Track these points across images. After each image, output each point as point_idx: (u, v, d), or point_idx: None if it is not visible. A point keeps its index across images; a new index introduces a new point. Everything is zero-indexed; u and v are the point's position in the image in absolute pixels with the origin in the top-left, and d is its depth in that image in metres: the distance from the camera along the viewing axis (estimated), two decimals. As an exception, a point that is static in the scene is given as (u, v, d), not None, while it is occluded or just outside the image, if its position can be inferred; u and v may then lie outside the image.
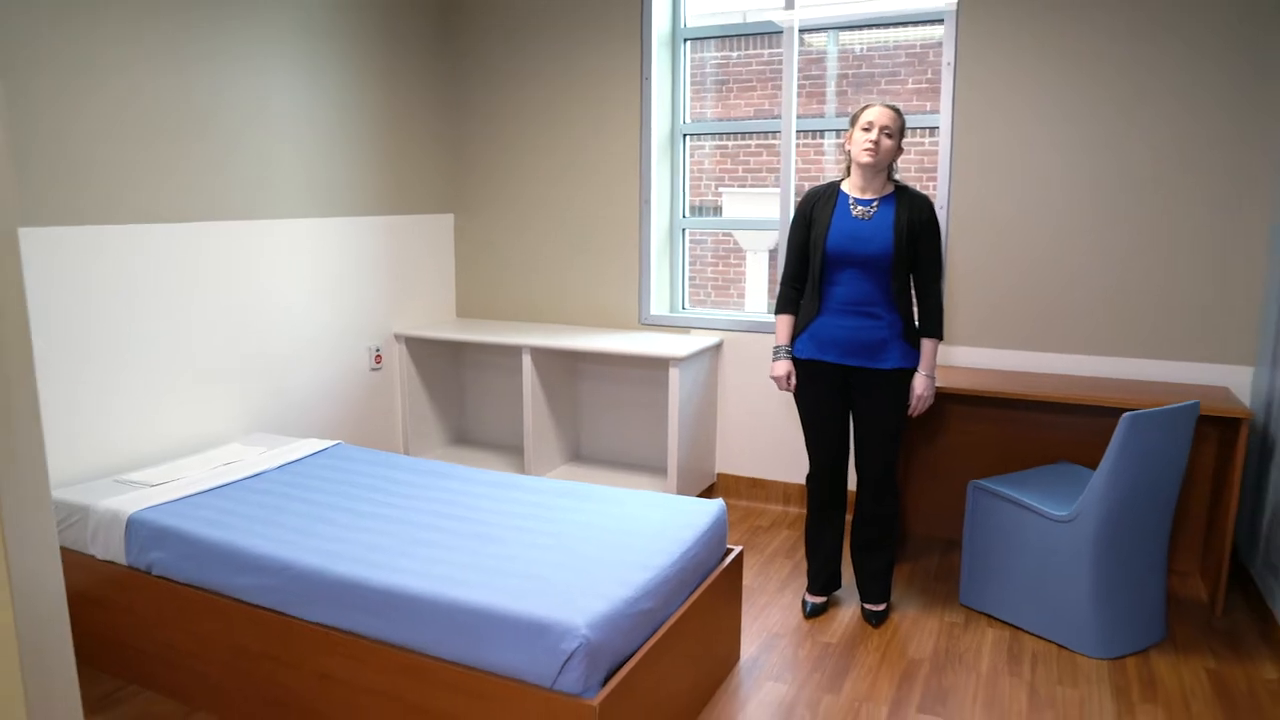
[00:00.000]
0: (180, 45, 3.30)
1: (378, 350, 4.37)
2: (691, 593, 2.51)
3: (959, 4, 3.76)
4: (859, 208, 2.94)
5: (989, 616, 3.22)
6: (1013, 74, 3.70)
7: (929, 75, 5.08)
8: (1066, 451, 3.66)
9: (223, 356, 3.55)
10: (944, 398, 3.78)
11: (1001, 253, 3.79)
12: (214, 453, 3.34)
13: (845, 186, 3.00)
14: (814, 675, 2.82)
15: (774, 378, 3.11)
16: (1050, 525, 2.97)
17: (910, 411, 3.02)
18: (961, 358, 3.89)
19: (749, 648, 2.99)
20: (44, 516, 1.47)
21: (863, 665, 2.88)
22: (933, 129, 4.06)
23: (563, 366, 4.51)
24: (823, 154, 5.59)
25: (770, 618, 3.20)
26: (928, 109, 4.31)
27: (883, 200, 2.94)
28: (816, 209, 3.00)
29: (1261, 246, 3.44)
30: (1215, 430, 3.45)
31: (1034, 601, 3.07)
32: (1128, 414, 2.73)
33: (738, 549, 2.85)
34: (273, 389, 3.79)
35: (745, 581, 3.49)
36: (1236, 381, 3.53)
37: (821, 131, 5.14)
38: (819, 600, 3.24)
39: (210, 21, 3.40)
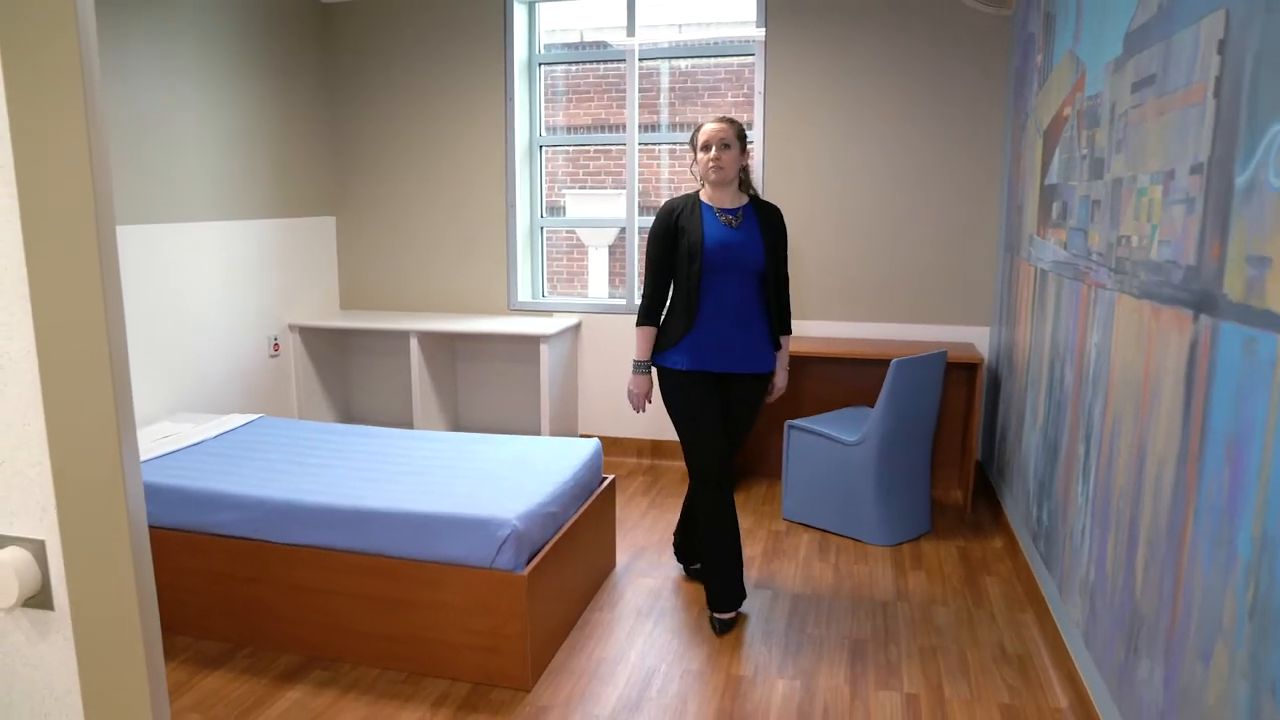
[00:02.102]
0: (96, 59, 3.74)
1: (275, 339, 4.87)
2: (581, 504, 3.27)
3: (766, 38, 4.68)
4: (725, 216, 3.02)
5: (804, 525, 4.15)
6: (811, 94, 4.65)
7: (744, 90, 6.04)
8: (858, 397, 4.65)
9: (144, 349, 3.99)
10: (765, 360, 4.69)
11: (805, 244, 4.75)
12: (149, 429, 3.80)
13: (705, 197, 3.06)
14: (674, 571, 3.63)
15: (631, 394, 3.13)
16: (844, 449, 3.91)
17: (768, 398, 3.24)
18: (777, 328, 4.83)
19: (622, 556, 3.78)
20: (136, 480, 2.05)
21: (710, 562, 3.73)
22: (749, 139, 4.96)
23: (443, 348, 5.15)
24: (657, 158, 6.46)
25: (636, 536, 4.00)
26: (745, 119, 5.23)
27: (744, 209, 3.05)
28: (683, 219, 3.02)
29: (993, 235, 4.54)
30: (963, 375, 4.52)
31: (834, 508, 4.02)
32: (894, 360, 3.71)
33: (611, 477, 3.63)
34: (188, 375, 4.25)
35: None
36: (979, 338, 4.63)
37: (657, 143, 5.97)
38: (727, 617, 3.16)
39: (117, 39, 3.84)
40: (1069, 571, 2.83)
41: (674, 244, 3.02)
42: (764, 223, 3.04)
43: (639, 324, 3.08)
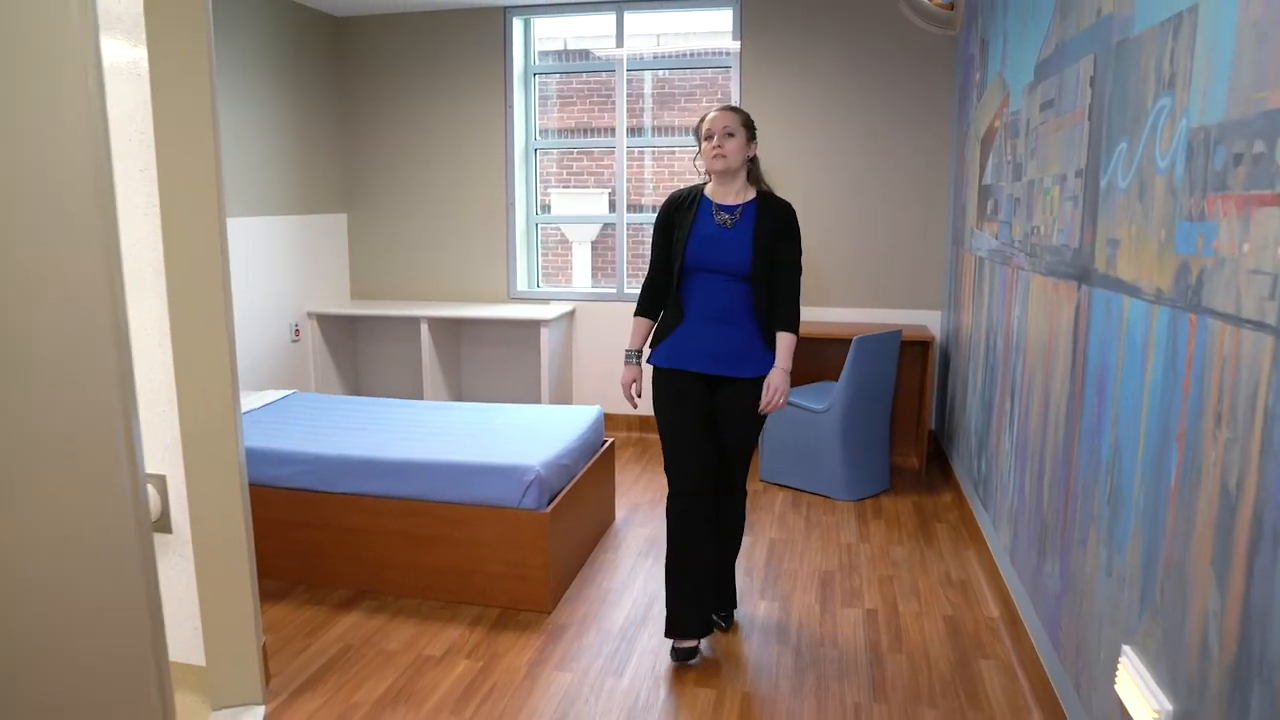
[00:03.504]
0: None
1: (296, 325, 5.34)
2: (588, 461, 3.78)
3: (741, 50, 5.22)
4: (722, 214, 2.87)
5: (779, 484, 4.70)
6: (781, 104, 5.20)
7: (719, 96, 6.58)
8: (827, 373, 5.20)
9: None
10: (742, 342, 5.23)
11: (777, 236, 5.29)
12: (197, 403, 4.26)
13: (708, 192, 2.93)
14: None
15: (622, 384, 3.06)
16: (814, 416, 4.46)
17: (761, 407, 2.87)
18: (753, 313, 5.38)
19: (621, 511, 4.31)
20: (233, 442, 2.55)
21: (697, 515, 4.27)
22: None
23: (448, 333, 5.65)
24: (640, 159, 6.98)
25: (632, 495, 4.53)
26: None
27: (745, 207, 2.88)
28: (677, 215, 2.92)
29: (942, 229, 5.11)
30: (918, 353, 5.09)
31: (805, 468, 4.57)
32: (856, 338, 4.26)
33: (611, 439, 4.15)
34: (225, 356, 4.72)
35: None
36: (932, 321, 5.20)
37: (642, 146, 6.49)
38: (688, 645, 2.93)
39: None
40: (1000, 506, 3.40)
41: (669, 237, 2.95)
42: (762, 222, 2.85)
43: (635, 313, 3.05)
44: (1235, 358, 1.48)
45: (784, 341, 2.90)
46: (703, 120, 2.91)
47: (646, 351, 3.03)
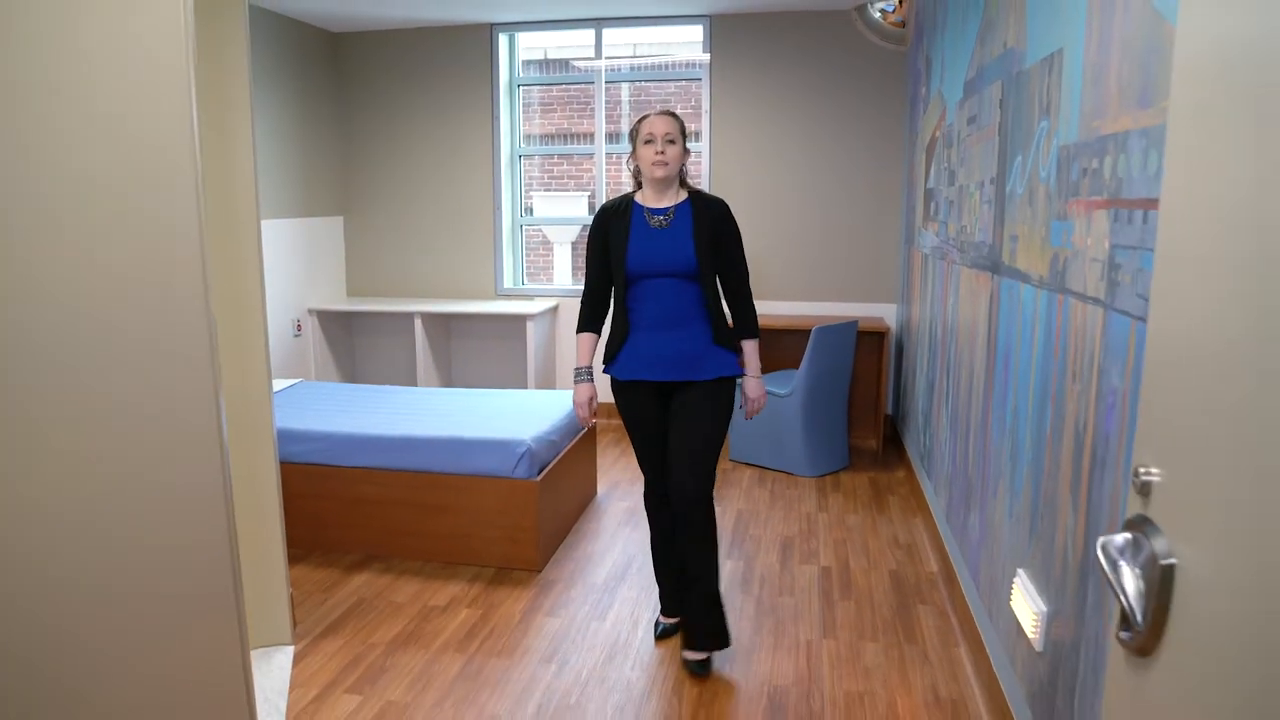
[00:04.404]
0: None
1: (298, 321, 5.70)
2: (572, 439, 4.18)
3: (710, 62, 5.63)
4: (656, 218, 2.82)
5: (747, 463, 5.12)
6: (746, 112, 5.62)
7: (693, 103, 6.99)
8: (790, 361, 5.62)
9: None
10: (713, 334, 5.65)
11: (746, 236, 5.70)
12: (211, 390, 4.62)
13: (639, 198, 2.87)
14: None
15: (575, 404, 2.98)
16: (778, 401, 4.88)
17: (746, 415, 3.03)
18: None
19: (602, 487, 4.71)
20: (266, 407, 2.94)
21: (672, 490, 4.68)
22: (697, 151, 5.92)
23: (439, 327, 6.03)
24: (618, 163, 7.37)
25: (612, 474, 4.94)
26: (693, 129, 6.18)
27: (678, 208, 2.83)
28: (612, 225, 2.86)
29: (896, 229, 5.55)
30: (874, 343, 5.53)
31: (771, 448, 4.99)
32: (815, 327, 4.68)
33: (594, 421, 4.54)
34: (233, 348, 5.07)
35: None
36: (888, 313, 5.64)
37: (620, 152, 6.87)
38: (672, 621, 3.13)
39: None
40: (939, 474, 3.83)
41: (606, 251, 2.89)
42: (699, 220, 2.81)
43: (578, 330, 3.00)
44: (1083, 326, 1.90)
45: (751, 349, 2.97)
46: (641, 122, 2.82)
47: (598, 366, 3.00)
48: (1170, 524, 0.93)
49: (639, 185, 2.91)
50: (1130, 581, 0.98)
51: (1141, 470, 0.99)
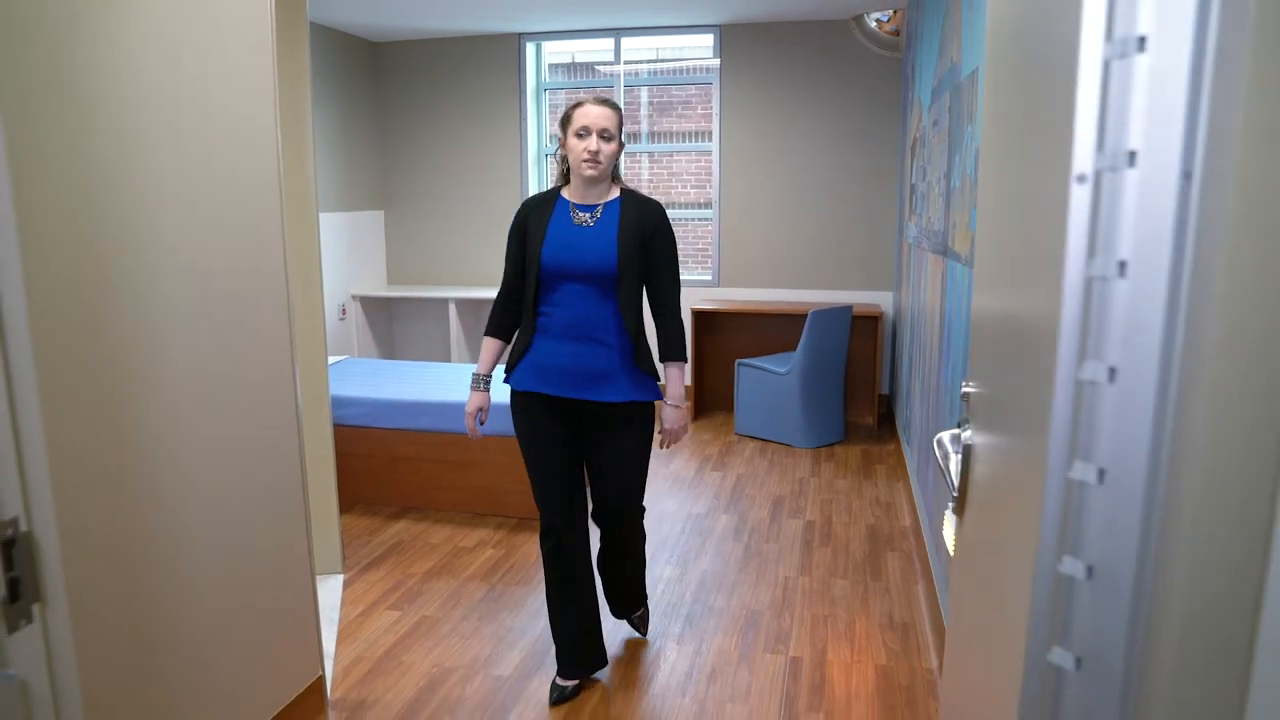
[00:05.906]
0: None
1: (343, 306, 6.25)
2: (588, 409, 4.67)
3: (720, 67, 6.10)
4: (580, 214, 2.54)
5: (750, 436, 5.58)
6: (751, 115, 6.08)
7: (710, 105, 7.41)
8: (791, 344, 6.07)
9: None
10: (724, 314, 6.12)
11: (753, 226, 6.17)
12: (267, 365, 5.17)
13: (565, 193, 2.60)
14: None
15: (467, 413, 2.72)
16: (778, 378, 5.34)
17: (660, 445, 2.70)
18: (735, 294, 6.26)
19: (616, 455, 5.20)
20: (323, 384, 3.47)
21: (679, 459, 5.15)
22: (708, 151, 6.39)
23: (471, 312, 6.55)
24: (639, 162, 7.83)
25: (625, 444, 5.42)
26: (707, 130, 6.64)
27: (607, 205, 2.55)
28: (531, 218, 2.58)
29: (892, 221, 5.98)
30: (870, 327, 5.96)
31: (771, 422, 5.45)
32: (811, 311, 5.14)
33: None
34: (285, 329, 5.63)
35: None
36: (885, 300, 6.07)
37: (639, 151, 7.34)
38: (571, 684, 2.71)
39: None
40: (913, 438, 4.27)
41: (523, 247, 2.61)
42: (627, 221, 2.52)
43: (485, 333, 2.73)
44: (984, 294, 2.35)
45: (675, 374, 2.64)
46: (576, 110, 2.50)
47: (500, 374, 2.85)
48: (975, 419, 1.39)
49: (566, 179, 2.62)
50: (953, 462, 1.44)
51: (964, 384, 1.45)
